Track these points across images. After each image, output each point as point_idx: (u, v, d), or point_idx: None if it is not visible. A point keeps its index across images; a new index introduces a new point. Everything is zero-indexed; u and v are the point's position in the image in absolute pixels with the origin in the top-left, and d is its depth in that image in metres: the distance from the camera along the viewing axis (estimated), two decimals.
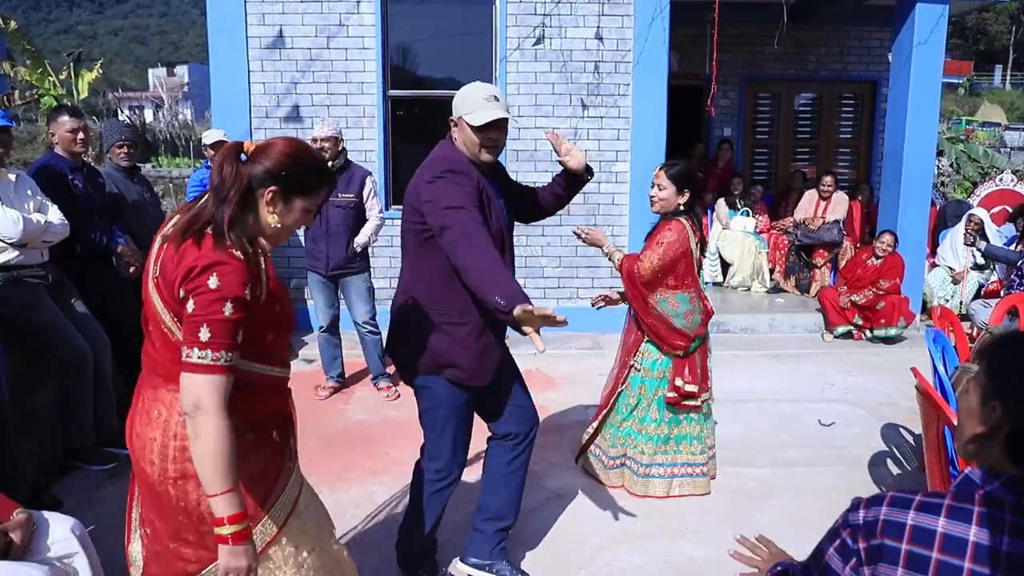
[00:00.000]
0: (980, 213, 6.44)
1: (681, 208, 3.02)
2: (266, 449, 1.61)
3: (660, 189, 2.99)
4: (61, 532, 2.04)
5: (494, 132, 2.20)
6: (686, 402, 3.09)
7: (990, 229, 6.37)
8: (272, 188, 1.48)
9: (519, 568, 2.55)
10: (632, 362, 3.17)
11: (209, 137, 4.94)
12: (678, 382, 3.06)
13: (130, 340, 3.68)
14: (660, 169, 3.03)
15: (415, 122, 5.88)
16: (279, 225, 1.52)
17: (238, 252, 1.43)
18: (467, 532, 2.56)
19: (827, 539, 1.13)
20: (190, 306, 1.39)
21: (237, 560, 1.41)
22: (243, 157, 1.49)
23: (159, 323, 1.48)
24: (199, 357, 1.37)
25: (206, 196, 1.51)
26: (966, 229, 6.30)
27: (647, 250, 3.03)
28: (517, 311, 1.80)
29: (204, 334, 1.37)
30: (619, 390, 3.20)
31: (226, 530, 1.40)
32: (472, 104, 2.17)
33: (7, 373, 2.86)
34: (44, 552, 1.98)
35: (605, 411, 3.25)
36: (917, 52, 5.70)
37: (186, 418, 1.40)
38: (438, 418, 2.29)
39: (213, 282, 1.38)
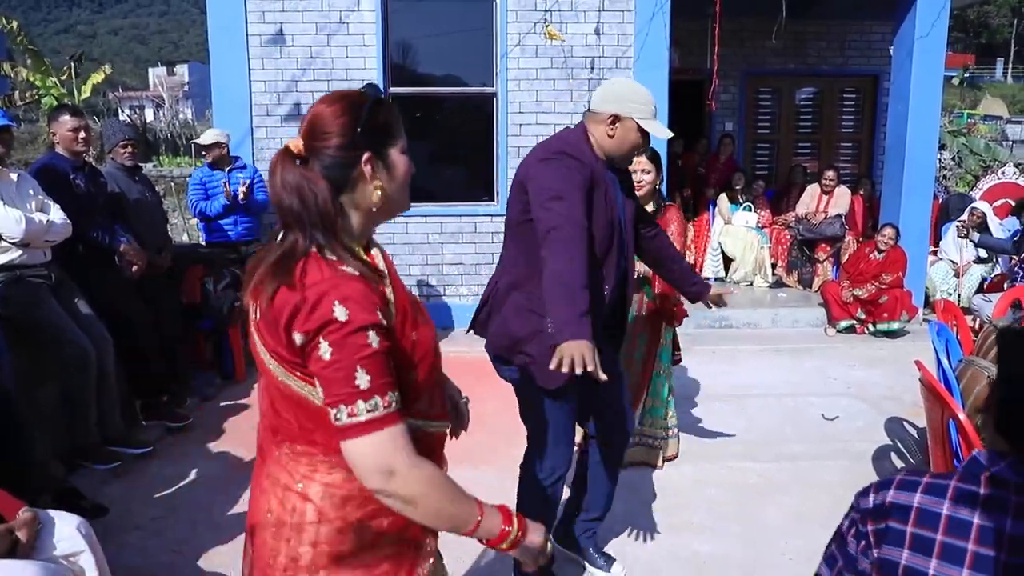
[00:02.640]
0: (983, 207, 6.43)
1: (657, 186, 3.17)
2: (400, 543, 1.21)
3: (646, 173, 3.08)
4: (67, 530, 2.04)
5: (648, 141, 2.19)
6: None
7: (993, 222, 6.35)
8: (364, 156, 1.15)
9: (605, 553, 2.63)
10: (662, 342, 3.29)
11: (206, 138, 4.90)
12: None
13: (134, 339, 3.71)
14: (642, 155, 3.08)
15: (416, 119, 5.87)
16: (391, 191, 1.20)
17: (348, 268, 1.10)
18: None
19: (844, 520, 1.15)
20: (323, 352, 1.04)
21: (533, 542, 1.19)
22: (298, 161, 1.15)
23: (274, 381, 1.15)
24: (368, 411, 1.04)
25: (281, 233, 1.17)
26: (961, 221, 6.29)
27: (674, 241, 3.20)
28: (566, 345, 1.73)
29: (362, 380, 1.04)
30: (651, 374, 3.29)
31: (511, 536, 1.15)
32: (645, 109, 2.09)
33: (11, 372, 2.85)
34: (50, 551, 1.98)
35: (642, 401, 3.29)
36: (918, 45, 5.68)
37: (381, 496, 1.08)
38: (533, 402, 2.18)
39: (340, 312, 1.04)
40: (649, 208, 3.16)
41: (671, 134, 2.15)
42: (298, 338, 1.06)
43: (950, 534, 1.00)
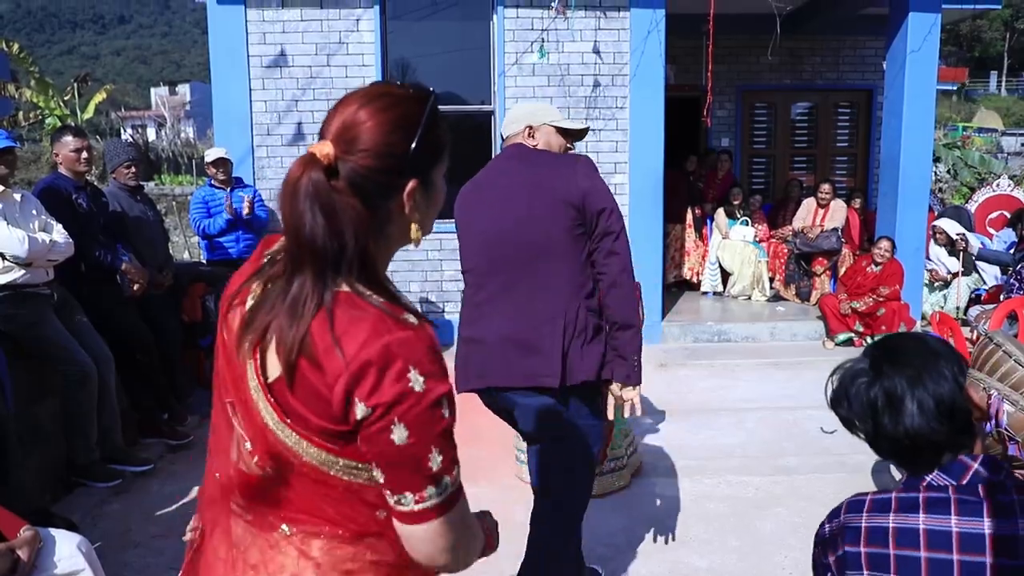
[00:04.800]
0: (941, 224, 6.51)
1: None
2: None
3: None
4: (67, 549, 2.06)
5: (571, 141, 2.22)
6: None
7: (971, 238, 6.41)
8: (410, 185, 0.93)
9: None
10: None
11: (211, 155, 4.97)
12: None
13: (136, 357, 3.74)
14: None
15: None
16: (426, 222, 0.99)
17: (411, 316, 0.88)
18: None
19: (815, 553, 1.16)
20: (397, 435, 0.84)
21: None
22: (335, 170, 0.89)
23: (277, 447, 0.90)
24: (439, 494, 0.87)
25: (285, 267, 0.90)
26: (944, 239, 6.36)
27: None
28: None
29: (435, 461, 0.86)
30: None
31: (492, 532, 1.11)
32: (554, 113, 2.18)
33: (12, 389, 2.88)
34: (51, 569, 2.00)
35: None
36: (911, 60, 5.75)
37: (436, 568, 0.93)
38: (600, 421, 2.19)
39: (417, 382, 0.84)
40: None
41: (586, 125, 2.23)
42: (361, 411, 0.84)
43: (900, 546, 1.01)
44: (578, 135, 2.23)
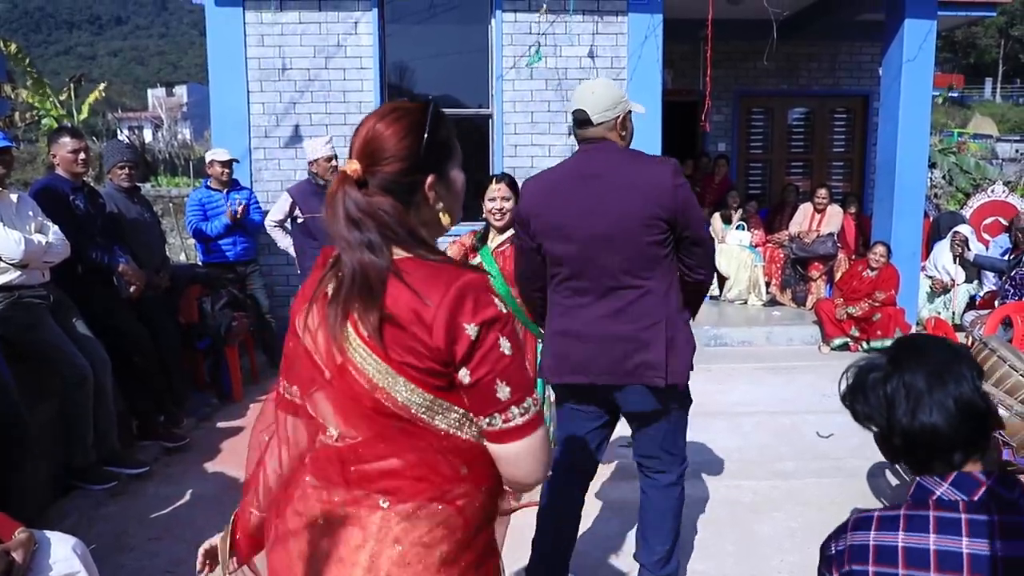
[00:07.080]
0: (964, 230, 6.51)
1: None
2: (493, 553, 1.16)
3: (506, 200, 2.98)
4: (63, 551, 2.05)
5: None
6: None
7: (975, 246, 6.42)
8: (428, 179, 1.09)
9: None
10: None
11: (220, 155, 4.92)
12: None
13: (131, 359, 3.73)
14: (500, 183, 3.01)
15: None
16: (451, 207, 1.16)
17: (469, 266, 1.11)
18: None
19: (819, 569, 1.14)
20: (504, 347, 1.00)
21: None
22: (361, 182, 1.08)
23: (381, 405, 1.02)
24: (534, 403, 1.03)
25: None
26: (953, 240, 6.37)
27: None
28: None
29: (503, 391, 1.00)
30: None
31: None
32: (626, 97, 2.14)
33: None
34: (46, 572, 1.99)
35: None
36: (907, 67, 5.79)
37: (526, 486, 1.08)
38: (687, 409, 2.26)
39: (500, 305, 1.02)
40: (508, 234, 3.04)
41: (643, 108, 2.23)
42: (472, 331, 0.98)
43: (911, 566, 0.99)
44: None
